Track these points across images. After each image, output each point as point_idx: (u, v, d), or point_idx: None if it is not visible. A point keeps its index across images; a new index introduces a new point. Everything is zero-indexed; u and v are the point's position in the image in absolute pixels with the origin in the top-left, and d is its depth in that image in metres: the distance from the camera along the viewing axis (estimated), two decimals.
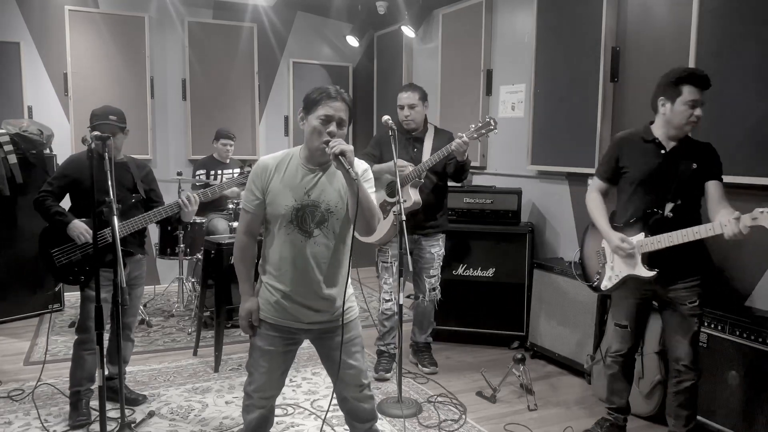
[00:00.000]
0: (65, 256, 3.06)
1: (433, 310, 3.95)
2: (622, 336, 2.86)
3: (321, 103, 2.17)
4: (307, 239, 2.21)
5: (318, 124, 2.16)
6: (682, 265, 2.65)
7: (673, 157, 2.65)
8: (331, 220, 2.22)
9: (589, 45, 3.91)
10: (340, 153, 2.08)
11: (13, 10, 5.37)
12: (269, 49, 6.39)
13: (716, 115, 3.13)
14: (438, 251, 3.83)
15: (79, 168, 3.06)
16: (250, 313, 2.29)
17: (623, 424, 2.98)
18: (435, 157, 3.53)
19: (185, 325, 4.81)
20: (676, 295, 2.69)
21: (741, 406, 2.82)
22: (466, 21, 5.16)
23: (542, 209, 4.54)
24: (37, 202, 3.07)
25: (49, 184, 3.10)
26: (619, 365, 2.90)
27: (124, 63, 5.74)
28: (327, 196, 2.22)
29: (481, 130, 3.41)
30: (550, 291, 4.02)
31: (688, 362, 2.69)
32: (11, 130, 4.69)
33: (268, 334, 2.28)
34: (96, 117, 3.09)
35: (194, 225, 4.97)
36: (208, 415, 3.25)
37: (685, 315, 2.67)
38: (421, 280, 3.85)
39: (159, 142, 6.00)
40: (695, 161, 2.61)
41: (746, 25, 3.03)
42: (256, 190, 2.24)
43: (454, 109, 5.32)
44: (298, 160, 2.25)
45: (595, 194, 2.90)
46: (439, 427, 3.15)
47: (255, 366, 2.31)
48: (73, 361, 3.14)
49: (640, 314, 2.84)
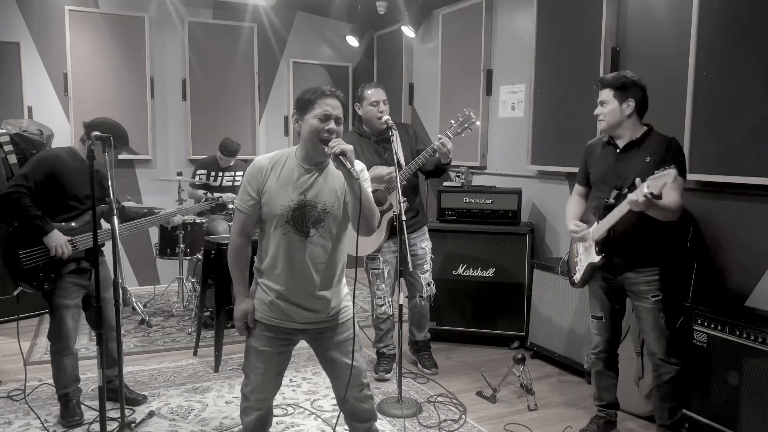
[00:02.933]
0: (33, 260, 2.94)
1: (428, 306, 3.95)
2: (598, 327, 2.99)
3: (317, 102, 2.17)
4: (304, 239, 2.21)
5: (317, 123, 2.16)
6: (635, 254, 2.77)
7: (626, 153, 2.81)
8: (327, 221, 2.23)
9: (589, 45, 3.91)
10: (340, 153, 2.08)
11: (13, 10, 5.37)
12: (269, 49, 6.39)
13: (716, 115, 3.13)
14: (428, 245, 3.84)
15: (55, 164, 2.95)
16: (245, 315, 2.28)
17: (615, 419, 3.08)
18: (420, 159, 3.51)
19: (185, 325, 4.81)
20: (637, 289, 2.80)
21: (741, 406, 2.82)
22: (466, 21, 5.16)
23: (542, 209, 4.54)
24: (9, 198, 2.86)
25: (24, 178, 2.89)
26: (602, 361, 3.00)
27: (124, 63, 5.74)
28: (323, 196, 2.22)
29: (463, 124, 3.39)
30: (550, 291, 4.02)
31: (662, 355, 2.79)
32: (11, 130, 4.69)
33: (263, 335, 2.28)
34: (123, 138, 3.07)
35: (194, 225, 4.97)
36: (208, 415, 3.25)
37: (649, 309, 2.77)
38: (416, 278, 3.83)
39: (159, 142, 6.00)
40: (649, 155, 2.72)
41: (746, 25, 3.03)
42: (251, 191, 2.23)
43: (454, 110, 5.31)
44: (294, 160, 2.25)
45: (573, 197, 3.13)
46: (439, 427, 3.15)
47: (251, 368, 2.30)
48: (55, 367, 3.11)
49: (611, 305, 2.94)
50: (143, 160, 5.88)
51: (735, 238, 3.14)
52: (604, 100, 2.79)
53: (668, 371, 2.79)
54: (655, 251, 2.76)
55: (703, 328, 2.97)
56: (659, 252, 2.77)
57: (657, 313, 2.76)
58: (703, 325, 2.97)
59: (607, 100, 2.78)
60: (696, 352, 2.96)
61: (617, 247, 2.78)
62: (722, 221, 3.15)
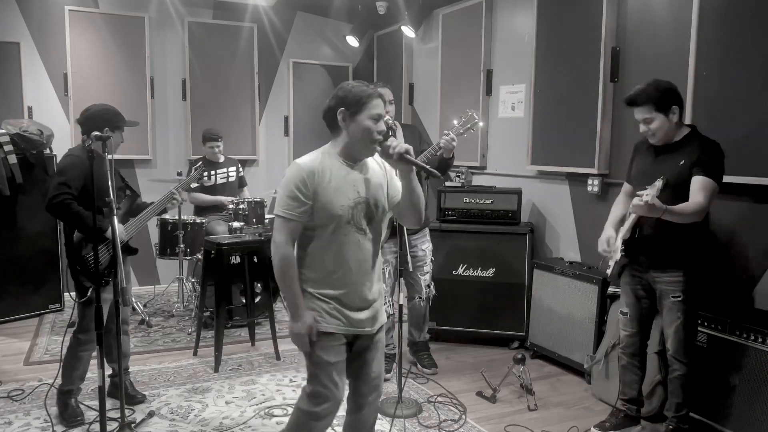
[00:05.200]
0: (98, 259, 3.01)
1: (427, 308, 3.95)
2: (624, 323, 3.03)
3: (370, 103, 2.14)
4: (363, 237, 2.19)
5: (371, 123, 2.13)
6: (658, 255, 2.80)
7: (662, 155, 2.82)
8: (377, 215, 2.22)
9: (589, 45, 3.91)
10: (405, 151, 2.10)
11: (13, 10, 5.37)
12: (269, 49, 6.39)
13: (716, 115, 3.13)
14: (428, 247, 3.84)
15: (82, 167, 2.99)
16: (310, 328, 2.14)
17: (636, 415, 3.09)
18: (425, 156, 3.52)
19: (185, 325, 4.81)
20: (661, 287, 2.83)
21: (741, 406, 2.82)
22: (466, 21, 5.16)
23: (542, 209, 4.54)
24: (62, 205, 2.93)
25: (66, 185, 2.95)
26: (627, 356, 3.04)
27: (124, 63, 5.74)
28: (373, 191, 2.21)
29: (466, 124, 3.40)
30: (550, 291, 4.02)
31: (673, 353, 2.83)
32: (11, 130, 4.69)
33: (332, 346, 2.18)
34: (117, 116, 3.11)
35: (194, 225, 4.97)
36: (208, 415, 3.25)
37: (669, 307, 2.80)
38: (416, 279, 3.84)
39: (159, 142, 5.99)
40: (684, 158, 2.72)
41: (746, 25, 3.03)
42: (302, 196, 2.10)
43: (455, 110, 5.31)
44: (337, 158, 2.19)
45: (619, 196, 3.13)
46: (439, 427, 3.15)
47: (327, 386, 2.17)
48: (69, 360, 3.12)
49: (638, 301, 2.97)
50: (143, 160, 5.88)
51: (735, 238, 3.15)
52: (647, 117, 2.74)
53: (677, 369, 2.83)
54: (677, 253, 2.76)
55: (703, 328, 2.97)
56: (681, 254, 2.76)
57: (675, 313, 2.78)
58: (703, 325, 2.97)
59: (650, 116, 2.73)
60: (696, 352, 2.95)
61: (641, 247, 2.83)
62: (722, 221, 3.15)
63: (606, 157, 3.90)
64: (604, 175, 3.93)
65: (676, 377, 2.85)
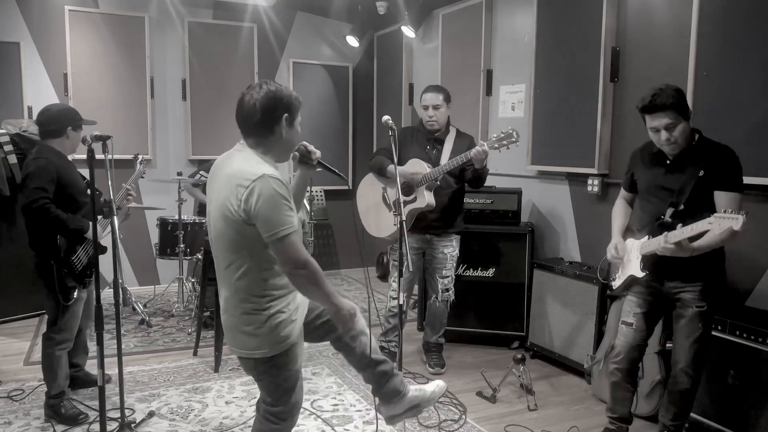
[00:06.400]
0: (79, 261, 3.10)
1: (446, 311, 3.97)
2: (625, 333, 2.84)
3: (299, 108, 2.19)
4: None
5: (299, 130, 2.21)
6: (679, 270, 2.65)
7: (678, 164, 2.65)
8: None
9: (589, 45, 3.91)
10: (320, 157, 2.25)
11: (13, 10, 5.37)
12: (269, 49, 6.39)
13: (716, 115, 3.13)
14: (451, 252, 3.85)
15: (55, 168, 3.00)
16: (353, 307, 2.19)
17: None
18: (453, 162, 3.56)
19: (185, 325, 4.81)
20: (683, 297, 2.68)
21: (741, 406, 2.82)
22: (466, 21, 5.16)
23: (542, 209, 4.54)
24: (41, 210, 2.90)
25: (42, 189, 2.92)
26: (620, 372, 2.87)
27: (124, 63, 5.74)
28: None
29: (502, 140, 3.43)
30: (550, 291, 4.02)
31: (684, 366, 2.70)
32: (11, 130, 4.70)
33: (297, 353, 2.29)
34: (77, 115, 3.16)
35: (194, 225, 4.97)
36: (208, 415, 3.25)
37: (689, 317, 2.67)
38: (434, 280, 3.87)
39: (159, 142, 5.98)
40: (703, 168, 2.57)
41: (746, 25, 3.03)
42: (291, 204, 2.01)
43: (455, 109, 5.28)
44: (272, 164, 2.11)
45: (619, 201, 3.05)
46: (439, 427, 3.15)
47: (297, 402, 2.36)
48: (49, 363, 3.09)
49: (646, 312, 2.81)
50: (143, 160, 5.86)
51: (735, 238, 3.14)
52: (671, 122, 2.53)
53: (684, 382, 2.71)
54: (699, 267, 2.61)
55: None
56: (703, 268, 2.62)
57: (696, 324, 2.65)
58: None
59: (673, 121, 2.53)
60: None
61: (662, 264, 2.66)
62: None
63: (606, 157, 3.90)
64: (604, 175, 3.93)
65: (680, 391, 2.74)
